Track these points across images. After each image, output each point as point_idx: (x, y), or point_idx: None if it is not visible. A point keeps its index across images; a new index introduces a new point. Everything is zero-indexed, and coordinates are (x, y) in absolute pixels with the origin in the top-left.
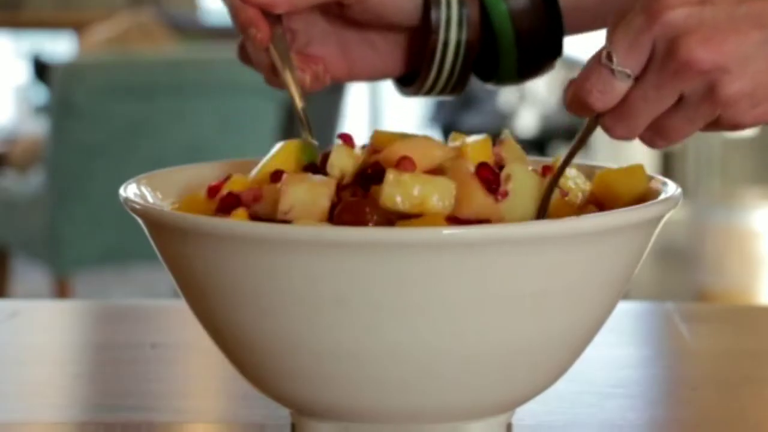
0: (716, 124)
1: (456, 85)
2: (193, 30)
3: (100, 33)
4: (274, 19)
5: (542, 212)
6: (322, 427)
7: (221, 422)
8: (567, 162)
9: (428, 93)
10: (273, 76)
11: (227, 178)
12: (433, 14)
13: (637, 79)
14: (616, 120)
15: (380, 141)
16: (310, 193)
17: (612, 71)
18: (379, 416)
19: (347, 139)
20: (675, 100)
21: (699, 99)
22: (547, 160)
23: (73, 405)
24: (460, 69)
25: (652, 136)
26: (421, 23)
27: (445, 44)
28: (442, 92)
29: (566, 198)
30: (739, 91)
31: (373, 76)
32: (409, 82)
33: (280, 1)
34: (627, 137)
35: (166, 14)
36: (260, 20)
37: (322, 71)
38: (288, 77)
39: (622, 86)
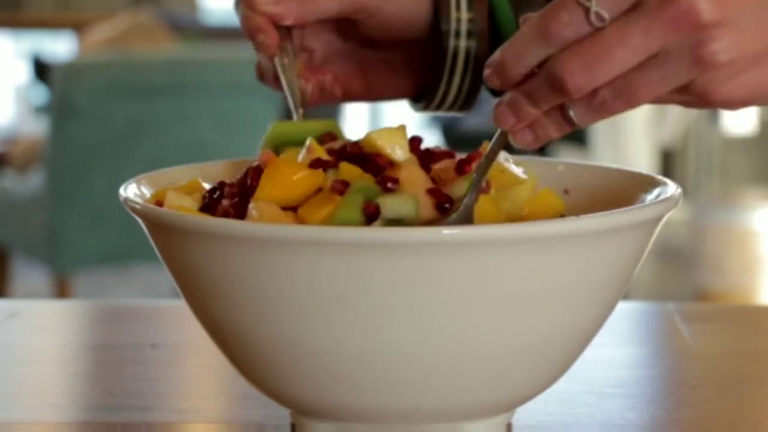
0: (685, 91)
1: (466, 98)
2: (193, 30)
3: (100, 33)
4: (284, 33)
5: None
6: (322, 427)
7: (221, 422)
8: (492, 157)
9: (438, 107)
10: (278, 86)
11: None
12: (443, 25)
13: (613, 22)
14: (579, 61)
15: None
16: None
17: (587, 11)
18: (379, 416)
19: None
20: (651, 54)
21: (680, 54)
22: (543, 160)
23: (73, 405)
24: (470, 81)
25: (612, 94)
26: (430, 36)
27: (455, 54)
28: (452, 107)
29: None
30: (725, 53)
31: (391, 95)
32: (421, 98)
33: (288, 13)
34: (583, 87)
35: (166, 14)
36: (268, 27)
37: (330, 83)
38: (287, 85)
39: (591, 28)
